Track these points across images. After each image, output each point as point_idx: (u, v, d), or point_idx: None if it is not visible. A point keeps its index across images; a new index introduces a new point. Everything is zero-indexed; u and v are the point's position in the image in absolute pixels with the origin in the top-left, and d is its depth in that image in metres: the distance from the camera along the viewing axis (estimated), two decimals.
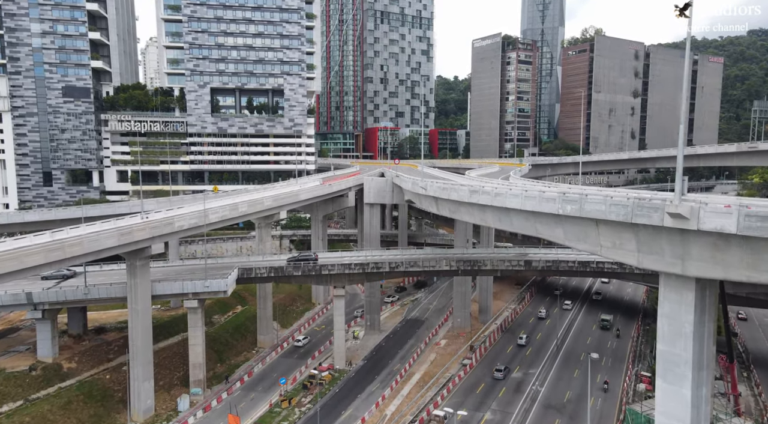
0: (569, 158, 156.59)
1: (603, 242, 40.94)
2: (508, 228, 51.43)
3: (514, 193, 47.86)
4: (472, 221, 57.31)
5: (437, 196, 62.23)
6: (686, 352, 36.91)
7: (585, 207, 40.38)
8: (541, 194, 44.68)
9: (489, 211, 52.32)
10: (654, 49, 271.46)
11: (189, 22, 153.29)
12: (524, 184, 62.32)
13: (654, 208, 35.35)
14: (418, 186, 68.84)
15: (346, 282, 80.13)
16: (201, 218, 69.24)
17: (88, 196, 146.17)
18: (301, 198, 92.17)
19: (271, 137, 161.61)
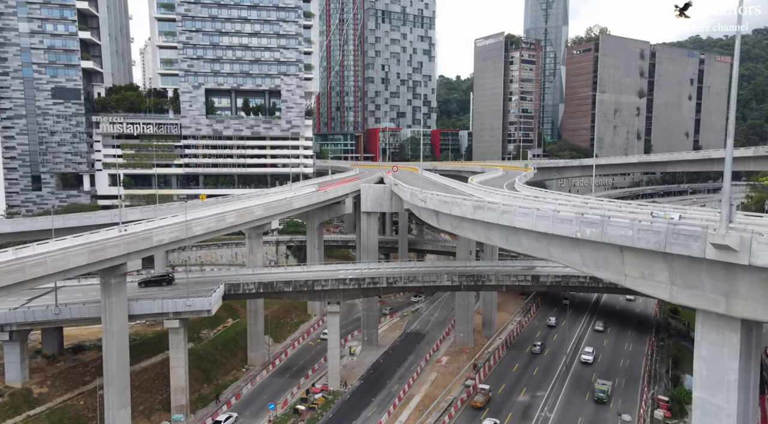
0: (576, 161, 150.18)
1: (629, 271, 35.25)
2: (516, 249, 45.75)
3: (523, 212, 42.15)
4: (476, 238, 51.65)
5: (438, 210, 56.61)
6: (729, 403, 31.19)
7: (608, 231, 34.68)
8: (555, 214, 38.96)
9: (495, 229, 46.64)
10: (660, 48, 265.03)
11: (183, 21, 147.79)
12: (534, 198, 56.49)
13: (693, 237, 29.62)
14: (417, 198, 63.16)
15: (341, 298, 74.54)
16: (183, 231, 63.71)
17: (78, 201, 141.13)
18: (294, 206, 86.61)
19: (268, 140, 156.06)
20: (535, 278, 73.86)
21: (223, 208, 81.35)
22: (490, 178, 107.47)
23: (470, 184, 80.00)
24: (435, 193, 58.17)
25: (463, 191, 77.88)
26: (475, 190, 71.61)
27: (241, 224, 75.36)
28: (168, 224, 68.31)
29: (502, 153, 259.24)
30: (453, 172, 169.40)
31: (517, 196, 60.09)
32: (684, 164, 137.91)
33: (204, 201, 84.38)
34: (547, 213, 39.69)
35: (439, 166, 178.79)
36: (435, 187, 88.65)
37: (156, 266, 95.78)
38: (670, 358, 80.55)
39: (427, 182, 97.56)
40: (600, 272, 37.57)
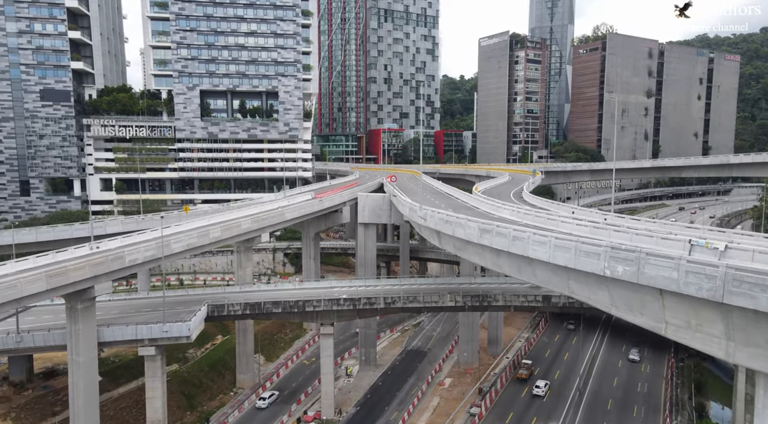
0: (585, 165, 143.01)
1: (671, 318, 28.73)
2: (530, 280, 39.22)
3: (539, 240, 35.60)
4: (482, 264, 45.21)
5: (439, 230, 50.14)
6: None
7: (645, 271, 28.14)
8: (578, 246, 32.38)
9: (505, 257, 40.14)
10: (668, 46, 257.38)
11: (177, 21, 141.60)
12: (548, 215, 49.84)
13: (762, 287, 23.06)
14: (416, 214, 56.60)
15: (334, 319, 68.20)
16: (159, 249, 57.42)
17: (68, 207, 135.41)
18: (287, 218, 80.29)
19: (265, 143, 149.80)
20: (546, 298, 67.29)
21: (209, 221, 75.17)
22: (497, 186, 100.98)
23: (475, 194, 73.53)
24: (436, 211, 51.58)
25: (467, 202, 71.47)
26: (480, 203, 65.16)
27: (226, 239, 69.12)
28: (144, 240, 62.17)
29: (507, 154, 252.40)
30: (457, 175, 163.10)
31: (528, 213, 53.55)
32: (700, 170, 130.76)
33: (188, 212, 78.10)
34: (569, 244, 33.12)
35: (442, 169, 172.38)
36: (437, 197, 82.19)
37: (140, 280, 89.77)
38: (692, 382, 73.87)
39: (428, 190, 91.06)
40: (633, 316, 31.03)
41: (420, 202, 56.37)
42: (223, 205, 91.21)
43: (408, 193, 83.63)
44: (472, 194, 73.90)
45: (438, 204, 69.23)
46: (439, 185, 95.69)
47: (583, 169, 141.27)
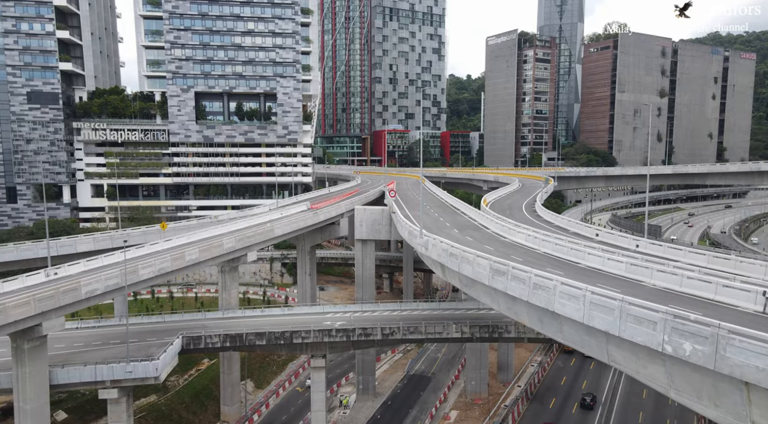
0: (599, 170, 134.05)
1: (758, 417, 20.53)
2: (555, 337, 31.06)
3: (569, 293, 27.37)
4: (494, 307, 37.12)
5: (443, 263, 42.08)
6: None
7: (727, 355, 19.96)
8: (624, 307, 24.13)
9: (523, 305, 32.00)
10: (682, 45, 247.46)
11: (170, 19, 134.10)
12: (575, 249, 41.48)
13: None
14: (416, 240, 48.41)
15: (326, 351, 60.26)
16: (122, 277, 49.68)
17: (57, 215, 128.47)
18: (277, 234, 72.47)
19: (263, 147, 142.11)
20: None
21: (188, 238, 67.59)
22: (507, 195, 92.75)
23: (484, 209, 65.34)
24: (439, 240, 43.33)
25: (475, 220, 63.31)
26: (490, 222, 57.00)
27: (206, 261, 61.32)
28: (109, 264, 54.64)
29: (515, 156, 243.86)
30: (464, 180, 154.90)
31: (546, 238, 45.39)
32: (727, 177, 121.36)
33: (165, 230, 70.47)
34: (609, 302, 24.91)
35: (448, 174, 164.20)
36: (442, 211, 74.08)
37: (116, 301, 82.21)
38: None
39: (433, 202, 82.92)
40: (703, 406, 22.80)
41: (421, 223, 48.11)
42: (205, 220, 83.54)
43: (410, 205, 75.73)
44: (480, 210, 65.68)
45: (442, 223, 61.16)
46: (445, 196, 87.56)
47: (597, 175, 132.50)
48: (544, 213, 68.70)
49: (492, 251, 43.79)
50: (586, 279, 34.33)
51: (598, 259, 38.20)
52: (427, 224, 59.07)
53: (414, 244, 48.00)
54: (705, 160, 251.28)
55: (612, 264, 36.88)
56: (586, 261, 39.37)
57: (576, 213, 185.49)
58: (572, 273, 36.95)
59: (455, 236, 52.85)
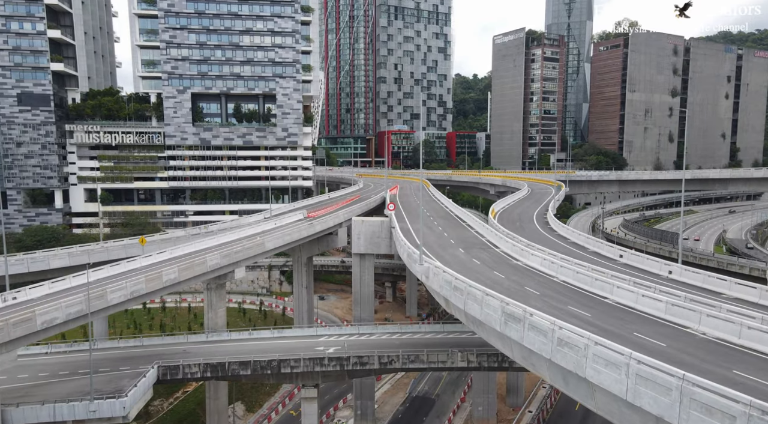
0: (613, 174, 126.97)
1: None
2: (584, 402, 24.81)
3: (606, 357, 21.11)
4: (508, 354, 31.00)
5: (446, 297, 35.92)
6: None
7: None
8: (686, 389, 17.86)
9: (543, 361, 25.76)
10: (695, 43, 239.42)
11: (166, 18, 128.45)
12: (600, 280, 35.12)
13: None
14: (416, 266, 42.09)
15: (319, 380, 54.31)
16: (86, 303, 43.85)
17: (48, 221, 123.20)
18: (268, 248, 66.51)
19: (262, 149, 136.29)
20: None
21: (171, 253, 61.81)
22: (516, 203, 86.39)
23: (492, 223, 59.11)
24: (441, 269, 37.03)
25: (483, 236, 57.03)
26: (500, 240, 50.74)
27: (187, 281, 55.51)
28: (75, 285, 48.95)
29: (523, 157, 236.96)
30: (471, 184, 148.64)
31: (566, 265, 39.07)
32: (751, 183, 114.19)
33: (144, 245, 64.72)
34: (665, 377, 18.63)
35: (454, 177, 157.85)
36: (446, 223, 67.79)
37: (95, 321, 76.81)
38: None
39: (436, 212, 76.67)
40: None
41: (421, 247, 41.82)
42: (194, 230, 77.75)
43: (412, 217, 69.63)
44: (489, 224, 59.38)
45: (447, 239, 54.94)
46: (450, 205, 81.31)
47: (610, 179, 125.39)
48: (558, 226, 62.35)
49: (502, 280, 37.60)
50: (618, 323, 28.10)
51: (630, 294, 31.93)
52: (430, 241, 52.93)
53: (414, 270, 41.87)
54: (717, 161, 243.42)
55: (648, 302, 30.62)
56: (615, 296, 33.11)
57: (586, 217, 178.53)
58: (600, 312, 30.73)
59: (460, 257, 46.70)
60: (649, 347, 24.38)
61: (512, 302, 27.49)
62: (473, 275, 39.74)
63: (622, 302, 32.24)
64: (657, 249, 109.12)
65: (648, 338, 25.72)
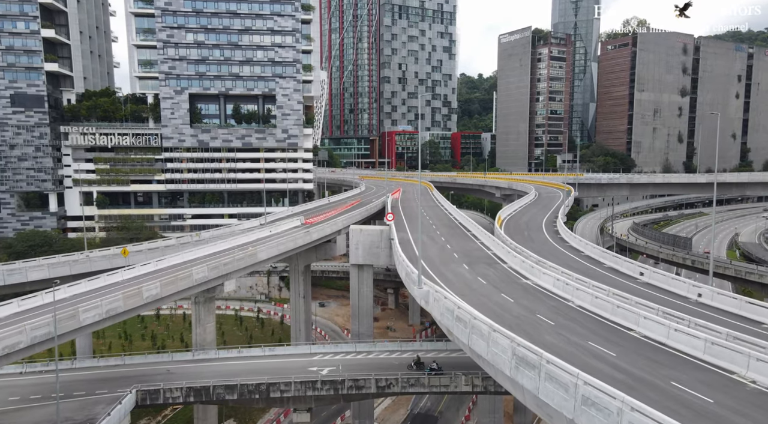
0: (623, 177, 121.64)
1: None
2: None
3: None
4: (519, 398, 26.69)
5: (448, 327, 31.58)
6: None
7: None
8: None
9: (563, 419, 21.38)
10: (705, 41, 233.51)
11: (163, 17, 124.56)
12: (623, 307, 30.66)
13: None
14: (414, 289, 37.49)
15: (312, 404, 50.10)
16: (54, 325, 39.77)
17: (43, 225, 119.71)
18: (261, 258, 62.33)
19: (262, 151, 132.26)
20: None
21: (157, 265, 57.76)
22: (523, 208, 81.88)
23: (498, 235, 54.64)
24: (442, 294, 32.61)
25: (489, 249, 52.61)
26: (508, 255, 46.36)
27: (170, 296, 51.38)
28: (45, 303, 44.93)
29: (529, 158, 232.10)
30: (476, 186, 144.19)
31: (582, 287, 34.64)
32: None
33: (127, 256, 60.71)
34: None
35: (459, 179, 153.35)
36: (449, 233, 63.34)
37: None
38: None
39: (439, 220, 72.27)
40: None
41: (419, 267, 37.39)
42: (185, 238, 73.68)
43: (413, 226, 65.26)
44: (495, 236, 54.89)
45: (449, 252, 50.58)
46: (453, 211, 76.87)
47: (620, 183, 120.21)
48: (570, 237, 57.82)
49: (511, 306, 33.21)
50: (649, 365, 23.71)
51: (660, 328, 27.49)
52: (431, 254, 48.61)
53: (413, 293, 37.43)
54: (728, 161, 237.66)
55: (682, 338, 26.17)
56: (642, 327, 28.69)
57: (593, 219, 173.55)
58: (627, 350, 26.30)
59: (464, 276, 42.35)
60: (693, 404, 20.01)
61: (524, 344, 23.08)
62: (478, 298, 35.41)
63: (650, 336, 27.80)
64: (670, 255, 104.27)
65: (689, 390, 21.33)
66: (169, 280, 50.44)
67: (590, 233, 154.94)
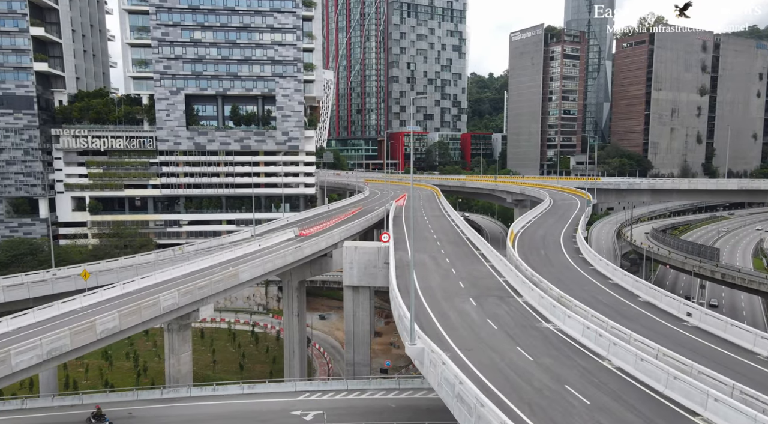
0: (644, 183, 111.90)
1: None
2: None
3: None
4: None
5: (447, 404, 23.86)
6: None
7: None
8: None
9: None
10: (725, 38, 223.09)
11: (157, 14, 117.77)
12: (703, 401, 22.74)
13: None
14: (407, 345, 29.40)
15: None
16: None
17: (32, 232, 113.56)
18: (242, 279, 55.00)
19: (261, 155, 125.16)
20: None
21: (124, 288, 50.68)
22: (537, 220, 73.79)
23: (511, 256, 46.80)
24: (441, 361, 24.51)
25: (500, 275, 44.70)
26: (523, 286, 38.53)
27: (132, 329, 44.10)
28: None
29: (541, 160, 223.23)
30: (486, 191, 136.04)
31: (622, 343, 26.73)
32: None
33: (88, 279, 53.57)
34: None
35: (468, 183, 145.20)
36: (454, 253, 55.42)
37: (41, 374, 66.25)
38: None
39: (443, 233, 64.41)
40: None
41: (412, 321, 29.46)
42: (166, 253, 66.55)
43: (416, 241, 57.51)
44: (507, 259, 46.99)
45: (455, 279, 42.86)
46: (461, 223, 68.93)
47: (642, 188, 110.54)
48: (593, 258, 49.80)
49: (531, 370, 25.42)
50: None
51: (740, 417, 19.53)
52: (432, 284, 40.92)
53: (406, 347, 29.51)
54: (748, 162, 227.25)
55: None
56: (711, 412, 20.80)
57: (609, 224, 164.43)
58: None
59: (470, 315, 34.60)
60: None
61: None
62: (487, 354, 27.71)
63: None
64: (697, 267, 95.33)
65: None
66: (130, 310, 43.17)
67: (606, 238, 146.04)
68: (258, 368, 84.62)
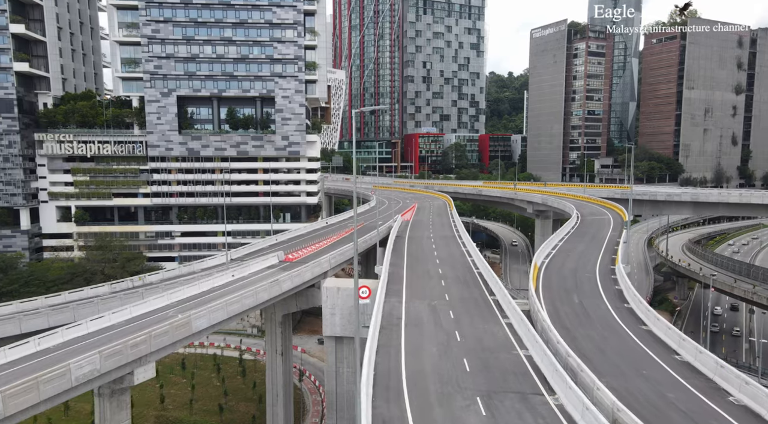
0: (687, 194, 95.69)
1: None
2: None
3: None
4: None
5: None
6: None
7: None
8: None
9: None
10: (762, 34, 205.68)
11: (147, 9, 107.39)
12: None
13: None
14: None
15: None
16: None
17: (13, 244, 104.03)
18: (196, 329, 43.32)
19: (260, 161, 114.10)
20: None
21: (37, 346, 39.42)
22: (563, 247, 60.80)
23: (534, 311, 34.32)
24: None
25: (522, 346, 31.99)
26: (554, 377, 25.88)
27: (24, 411, 32.61)
28: None
29: (563, 163, 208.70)
30: (505, 199, 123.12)
31: None
32: None
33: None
34: None
35: (485, 191, 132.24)
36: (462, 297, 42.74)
37: None
38: None
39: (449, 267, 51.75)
40: None
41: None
42: (118, 286, 55.28)
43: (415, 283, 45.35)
44: (531, 315, 34.61)
45: (458, 347, 30.63)
46: (473, 251, 56.30)
47: (682, 200, 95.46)
48: (647, 314, 36.83)
49: None
50: None
51: None
52: (426, 366, 28.58)
53: None
54: None
55: None
56: None
57: (638, 232, 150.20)
58: None
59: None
60: None
61: None
62: None
63: None
64: (749, 293, 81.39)
65: None
66: (22, 387, 31.63)
67: (636, 249, 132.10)
68: (242, 409, 73.40)
